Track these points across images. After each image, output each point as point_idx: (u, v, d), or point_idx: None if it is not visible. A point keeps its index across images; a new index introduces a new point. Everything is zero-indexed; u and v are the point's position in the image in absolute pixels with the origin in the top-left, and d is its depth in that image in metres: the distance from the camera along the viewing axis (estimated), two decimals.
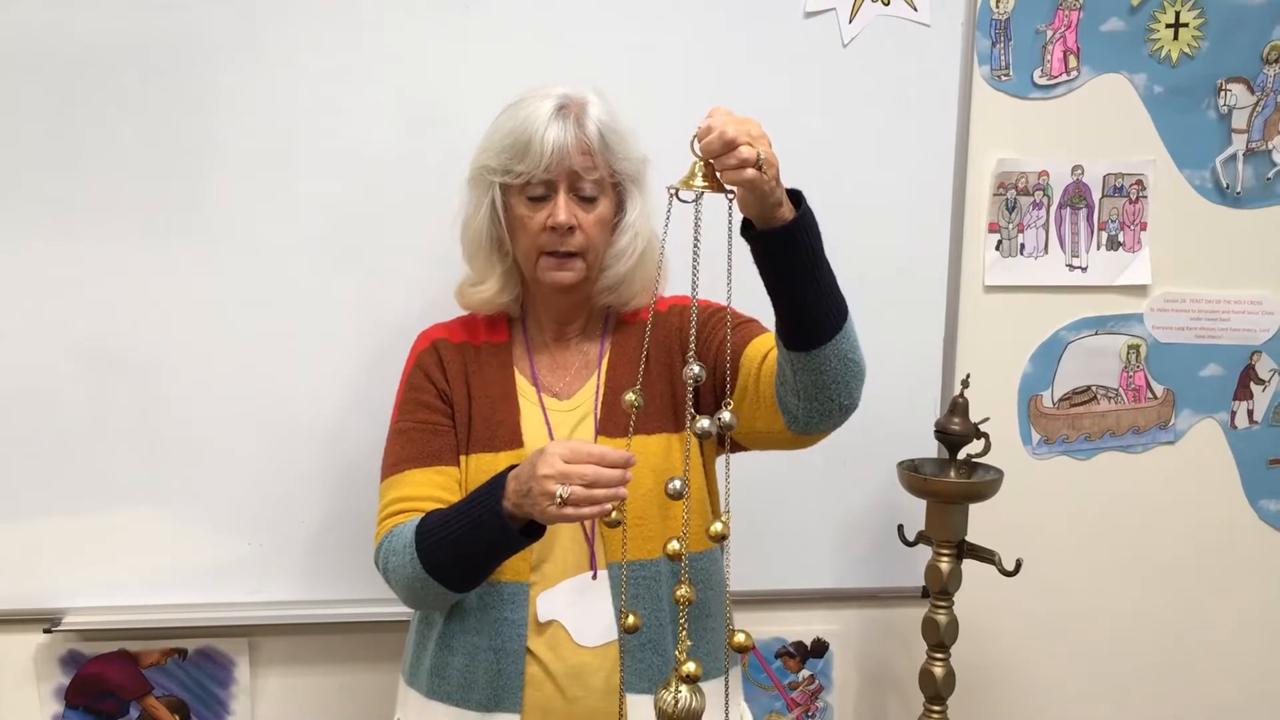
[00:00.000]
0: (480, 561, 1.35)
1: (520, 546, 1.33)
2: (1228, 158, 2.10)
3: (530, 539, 1.31)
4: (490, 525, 1.29)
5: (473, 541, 1.32)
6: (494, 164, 1.42)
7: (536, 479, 1.22)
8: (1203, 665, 2.25)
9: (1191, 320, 2.14)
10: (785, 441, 1.39)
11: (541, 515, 1.24)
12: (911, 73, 1.96)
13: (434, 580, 1.35)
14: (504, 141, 1.41)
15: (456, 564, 1.34)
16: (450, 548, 1.33)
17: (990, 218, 2.06)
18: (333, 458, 1.90)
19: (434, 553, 1.34)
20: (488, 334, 1.55)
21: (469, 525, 1.32)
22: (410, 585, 1.38)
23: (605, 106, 1.44)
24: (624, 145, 1.44)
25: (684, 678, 1.08)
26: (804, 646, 2.14)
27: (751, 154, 1.10)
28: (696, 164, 1.11)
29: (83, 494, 1.86)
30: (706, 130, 1.11)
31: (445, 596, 1.39)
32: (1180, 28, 2.05)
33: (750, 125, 1.13)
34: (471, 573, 1.37)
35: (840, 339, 1.26)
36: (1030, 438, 2.14)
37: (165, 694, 1.96)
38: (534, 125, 1.38)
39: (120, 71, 1.77)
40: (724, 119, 1.11)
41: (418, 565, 1.35)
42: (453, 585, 1.36)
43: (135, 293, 1.83)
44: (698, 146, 1.11)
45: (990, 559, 1.88)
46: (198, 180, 1.82)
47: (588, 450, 1.22)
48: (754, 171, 1.11)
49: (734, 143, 1.10)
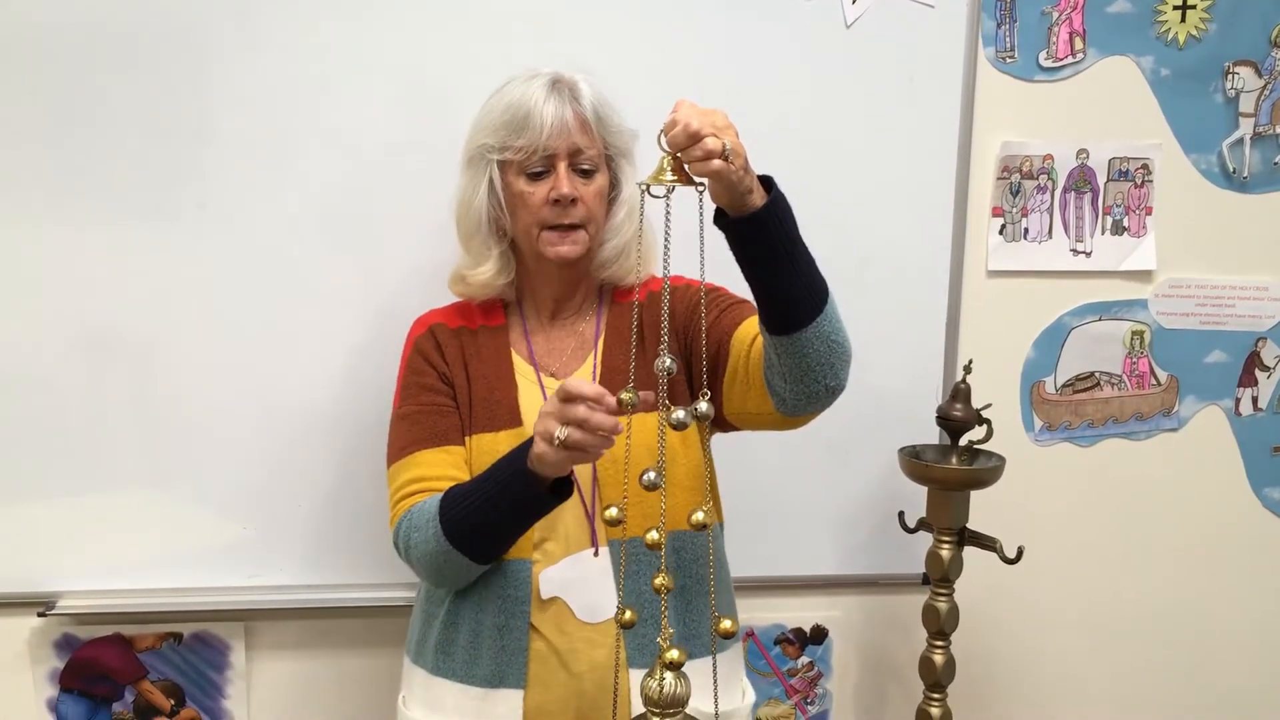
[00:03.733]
0: (506, 527, 1.37)
1: (549, 506, 1.34)
2: (1234, 142, 2.08)
3: (559, 497, 1.33)
4: (516, 485, 1.32)
5: (499, 506, 1.34)
6: (492, 141, 1.44)
7: (539, 419, 1.26)
8: (1205, 653, 2.24)
9: (1196, 306, 2.12)
10: (775, 423, 1.41)
11: (544, 458, 1.26)
12: (915, 54, 1.94)
13: (457, 551, 1.37)
14: (501, 118, 1.43)
15: (481, 531, 1.36)
16: (476, 515, 1.35)
17: (994, 202, 2.04)
18: (329, 442, 1.89)
19: (459, 522, 1.36)
20: (484, 318, 1.56)
21: (496, 488, 1.34)
22: (434, 559, 1.39)
23: (595, 82, 1.47)
24: (616, 119, 1.47)
25: (668, 665, 1.08)
26: (803, 633, 2.13)
27: (717, 145, 1.11)
28: (664, 159, 1.13)
29: (78, 477, 1.85)
30: (671, 124, 1.12)
31: (468, 569, 1.40)
32: (1188, 9, 2.02)
33: (715, 116, 1.14)
34: (495, 540, 1.39)
35: (821, 321, 1.27)
36: (1033, 424, 2.13)
37: (160, 678, 1.95)
38: (531, 100, 1.41)
39: (117, 56, 1.76)
40: (688, 112, 1.12)
41: (441, 538, 1.37)
42: (476, 555, 1.38)
43: (131, 276, 1.82)
44: (664, 141, 1.12)
45: (991, 546, 1.87)
46: (195, 165, 1.81)
47: (577, 389, 1.23)
48: (720, 162, 1.12)
49: (698, 135, 1.11)
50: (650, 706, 1.09)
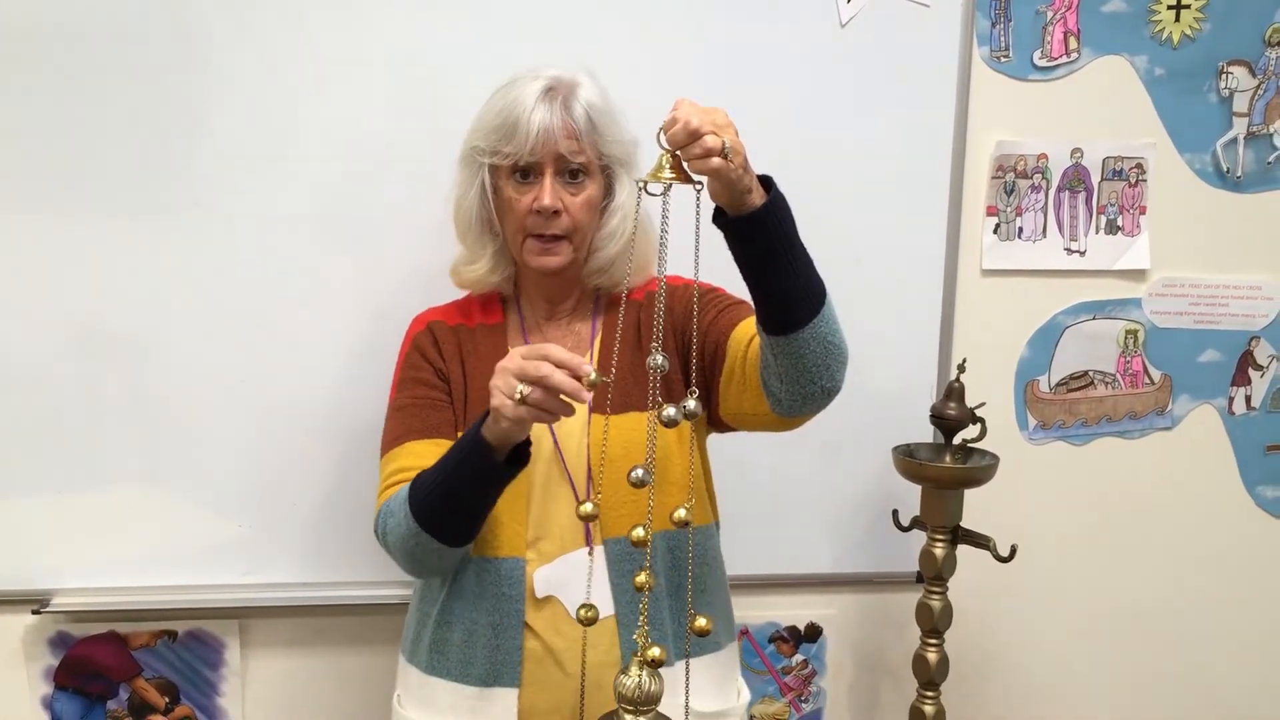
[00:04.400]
0: (469, 503, 1.35)
1: (507, 477, 1.33)
2: (1228, 141, 2.08)
3: (515, 467, 1.32)
4: (473, 456, 1.31)
5: (459, 480, 1.33)
6: (483, 144, 1.44)
7: (497, 374, 1.25)
8: (1198, 651, 2.25)
9: (1190, 305, 2.13)
10: (771, 423, 1.41)
11: (502, 415, 1.24)
12: (910, 54, 1.94)
13: (427, 534, 1.35)
14: (492, 122, 1.42)
15: (446, 510, 1.35)
16: (439, 493, 1.34)
17: (988, 201, 2.04)
18: (325, 439, 1.89)
19: (425, 504, 1.35)
20: (482, 316, 1.56)
21: (454, 463, 1.34)
22: (406, 544, 1.38)
23: (596, 88, 1.45)
24: (613, 128, 1.45)
25: (648, 662, 1.09)
26: (798, 631, 2.13)
27: (716, 143, 1.11)
28: (663, 156, 1.13)
29: (72, 474, 1.85)
30: (671, 122, 1.12)
31: (440, 554, 1.39)
32: (1182, 9, 2.03)
33: (715, 114, 1.14)
34: (462, 519, 1.37)
35: (818, 322, 1.27)
36: (1027, 423, 2.13)
37: (155, 676, 1.95)
38: (521, 107, 1.39)
39: (113, 52, 1.76)
40: (688, 110, 1.12)
41: (411, 520, 1.36)
42: (446, 537, 1.37)
43: (127, 274, 1.82)
44: (663, 138, 1.12)
45: (985, 545, 1.88)
46: (191, 162, 1.80)
47: (544, 350, 1.23)
48: (720, 160, 1.12)
49: (698, 132, 1.11)
50: (623, 704, 1.10)
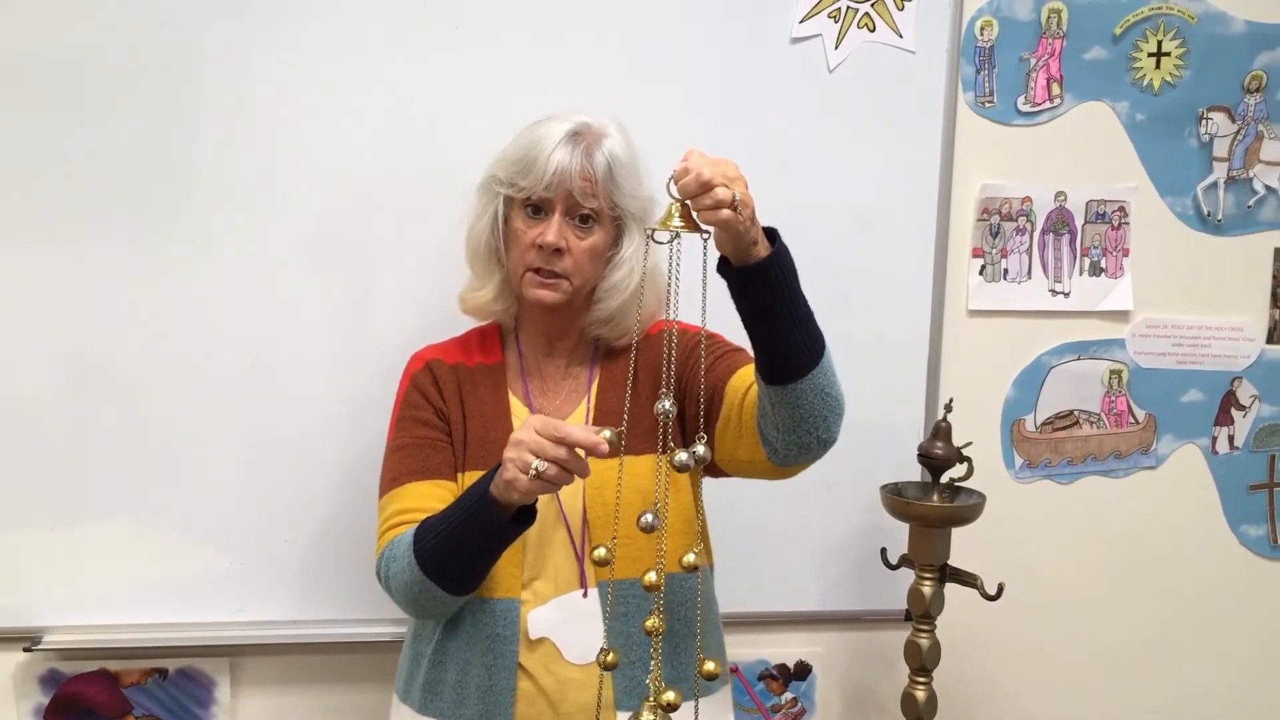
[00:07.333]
0: (474, 556, 1.37)
1: (513, 534, 1.35)
2: (1209, 185, 2.12)
3: (522, 525, 1.33)
4: (481, 514, 1.32)
5: (466, 534, 1.34)
6: (501, 174, 1.46)
7: (512, 446, 1.26)
8: (1183, 689, 2.26)
9: (1173, 346, 2.16)
10: (767, 472, 1.42)
11: (515, 489, 1.26)
12: (896, 99, 1.98)
13: (431, 581, 1.36)
14: (514, 155, 1.45)
15: (452, 561, 1.36)
16: (445, 545, 1.35)
17: (974, 243, 2.07)
18: (318, 476, 1.89)
19: (430, 553, 1.36)
20: (481, 355, 1.57)
21: (461, 517, 1.34)
22: (409, 590, 1.39)
23: (623, 141, 1.46)
24: (631, 182, 1.46)
25: (661, 706, 1.10)
26: (787, 669, 2.14)
27: (727, 195, 1.13)
28: (673, 205, 1.14)
29: (64, 510, 1.85)
30: (683, 172, 1.13)
31: (444, 601, 1.40)
32: (1162, 56, 2.07)
33: (727, 167, 1.16)
34: (467, 571, 1.38)
35: (817, 374, 1.28)
36: (1013, 462, 2.15)
37: (145, 714, 1.95)
38: (544, 145, 1.41)
39: (109, 81, 1.77)
40: (699, 161, 1.14)
41: (415, 568, 1.36)
42: (449, 587, 1.38)
43: (120, 305, 1.82)
44: (674, 188, 1.14)
45: (973, 583, 1.88)
46: (185, 192, 1.81)
47: (556, 429, 1.24)
48: (729, 212, 1.14)
49: (710, 184, 1.12)
50: None
